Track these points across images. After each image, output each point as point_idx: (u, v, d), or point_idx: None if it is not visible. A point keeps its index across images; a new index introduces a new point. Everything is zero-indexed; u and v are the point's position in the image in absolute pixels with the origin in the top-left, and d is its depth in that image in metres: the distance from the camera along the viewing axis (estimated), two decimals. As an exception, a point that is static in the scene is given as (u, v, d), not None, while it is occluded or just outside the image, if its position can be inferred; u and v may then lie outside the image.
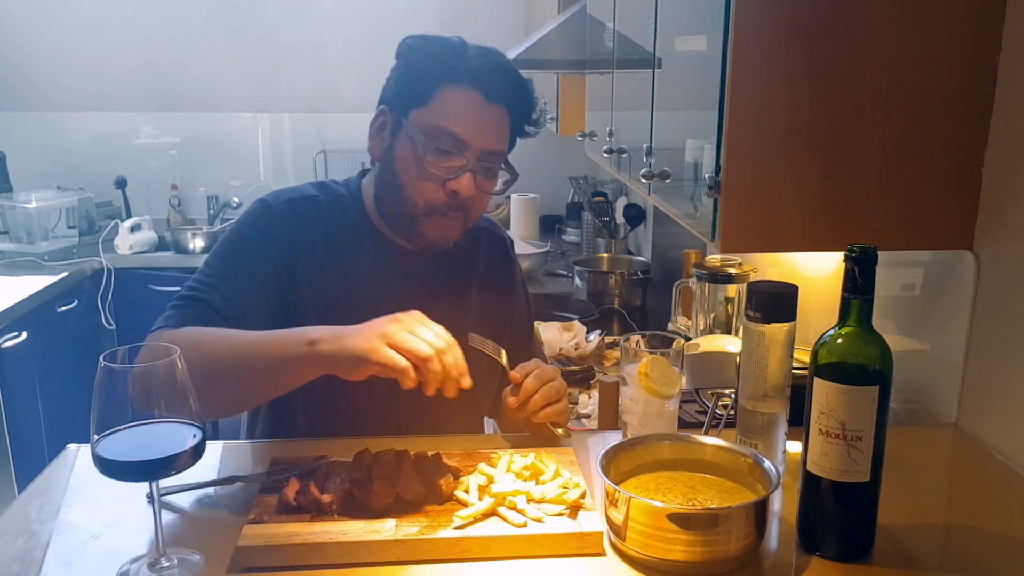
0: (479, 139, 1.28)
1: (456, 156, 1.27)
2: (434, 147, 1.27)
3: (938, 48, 1.20)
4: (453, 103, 1.27)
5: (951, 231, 1.27)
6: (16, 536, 1.04)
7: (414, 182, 1.29)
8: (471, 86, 1.27)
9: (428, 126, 1.27)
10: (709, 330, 1.91)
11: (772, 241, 1.27)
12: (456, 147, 1.27)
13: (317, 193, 1.39)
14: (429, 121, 1.27)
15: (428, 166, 1.27)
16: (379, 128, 1.36)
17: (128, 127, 4.09)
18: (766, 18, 1.18)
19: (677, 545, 0.92)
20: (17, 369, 2.91)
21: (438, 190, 1.28)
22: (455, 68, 1.28)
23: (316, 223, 1.36)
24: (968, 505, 1.16)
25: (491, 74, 1.29)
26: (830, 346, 0.96)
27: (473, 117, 1.28)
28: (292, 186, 1.41)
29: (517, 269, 1.56)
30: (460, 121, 1.27)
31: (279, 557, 0.94)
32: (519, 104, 1.33)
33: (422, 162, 1.27)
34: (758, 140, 1.21)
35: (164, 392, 0.90)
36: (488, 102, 1.28)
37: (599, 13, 2.34)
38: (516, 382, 1.24)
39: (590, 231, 3.58)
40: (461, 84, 1.27)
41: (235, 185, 4.14)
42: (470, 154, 1.27)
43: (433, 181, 1.28)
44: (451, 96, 1.27)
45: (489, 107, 1.29)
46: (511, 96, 1.31)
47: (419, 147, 1.27)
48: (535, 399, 1.23)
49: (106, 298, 3.53)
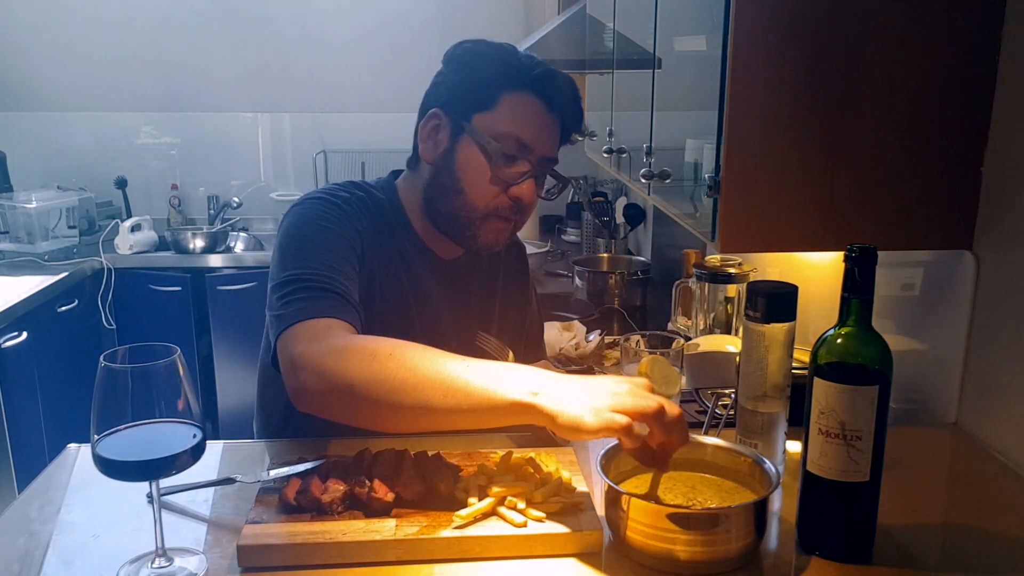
0: (542, 146, 1.29)
1: (522, 162, 1.28)
2: (503, 153, 1.27)
3: (938, 48, 1.20)
4: (519, 109, 1.28)
5: (951, 231, 1.28)
6: (16, 536, 1.04)
7: (477, 187, 1.28)
8: (534, 94, 1.28)
9: (496, 132, 1.27)
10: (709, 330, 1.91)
11: (772, 241, 1.27)
12: (522, 153, 1.27)
13: (363, 194, 1.36)
14: (496, 127, 1.27)
15: (496, 171, 1.27)
16: (432, 131, 1.32)
17: (128, 127, 4.09)
18: (766, 18, 1.18)
19: (677, 545, 0.92)
20: (17, 369, 2.91)
21: (501, 195, 1.28)
22: (519, 75, 1.28)
23: (368, 223, 1.33)
24: (968, 505, 1.16)
25: (552, 83, 1.29)
26: (830, 346, 0.96)
27: (537, 124, 1.29)
28: (330, 186, 1.36)
29: (531, 277, 1.58)
30: (526, 128, 1.27)
31: (279, 557, 0.94)
32: (572, 114, 1.34)
33: (490, 167, 1.27)
34: (758, 140, 1.21)
35: (164, 392, 0.90)
36: (550, 111, 1.29)
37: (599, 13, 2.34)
38: None
39: (590, 231, 3.58)
40: (525, 91, 1.28)
41: (235, 185, 4.14)
42: (534, 160, 1.28)
43: (497, 186, 1.28)
44: (516, 102, 1.28)
45: (549, 115, 1.30)
46: (566, 106, 1.32)
47: (489, 152, 1.26)
48: None
49: (106, 298, 3.53)
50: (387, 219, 1.35)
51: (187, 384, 0.91)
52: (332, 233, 1.25)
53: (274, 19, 4.02)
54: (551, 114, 1.30)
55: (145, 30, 3.97)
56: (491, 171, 1.27)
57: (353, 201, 1.32)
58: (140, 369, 0.89)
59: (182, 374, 0.91)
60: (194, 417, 0.92)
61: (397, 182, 1.41)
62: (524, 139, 1.27)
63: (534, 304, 1.58)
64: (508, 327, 1.48)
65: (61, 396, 3.14)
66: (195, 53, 4.01)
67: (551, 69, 1.31)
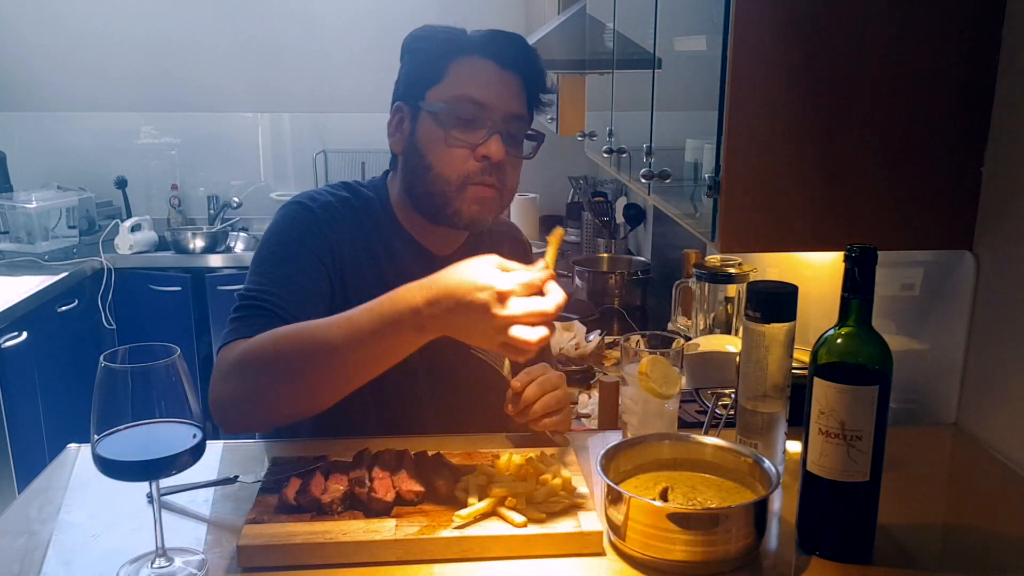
0: (500, 102, 1.27)
1: (480, 121, 1.26)
2: (457, 117, 1.26)
3: (938, 48, 1.20)
4: (467, 72, 1.27)
5: (951, 231, 1.27)
6: (16, 536, 1.04)
7: (442, 157, 1.27)
8: (481, 55, 1.28)
9: (447, 98, 1.26)
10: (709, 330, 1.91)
11: (772, 241, 1.27)
12: (479, 111, 1.26)
13: (349, 195, 1.36)
14: (447, 93, 1.27)
15: (454, 136, 1.26)
16: (398, 124, 1.34)
17: (128, 127, 4.09)
18: (766, 18, 1.18)
19: (677, 545, 0.92)
20: (17, 369, 2.91)
21: (468, 158, 1.26)
22: (464, 42, 1.29)
23: (352, 226, 1.33)
24: (968, 505, 1.16)
25: (499, 42, 1.29)
26: (830, 346, 0.96)
27: (490, 82, 1.27)
28: (322, 187, 1.38)
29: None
30: (478, 87, 1.26)
31: (279, 557, 0.94)
32: (531, 71, 1.32)
33: (446, 134, 1.26)
34: (758, 140, 1.21)
35: (164, 392, 0.90)
36: (502, 68, 1.28)
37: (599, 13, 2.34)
38: (516, 391, 1.23)
39: (590, 231, 3.58)
40: (472, 55, 1.28)
41: (235, 185, 4.14)
42: (495, 116, 1.26)
43: (462, 149, 1.26)
44: (464, 66, 1.28)
45: (503, 73, 1.28)
46: (522, 63, 1.30)
47: (442, 120, 1.26)
48: (535, 408, 1.23)
49: (106, 298, 3.54)
50: (375, 218, 1.36)
51: (187, 384, 0.91)
52: (295, 244, 1.27)
53: (274, 19, 4.02)
54: (506, 71, 1.28)
55: (145, 30, 3.97)
56: (449, 136, 1.26)
57: (335, 205, 1.32)
58: (140, 369, 0.89)
59: (182, 374, 0.91)
60: (194, 417, 0.92)
61: (388, 181, 1.41)
62: (477, 98, 1.26)
63: None
64: None
65: (61, 396, 3.14)
66: (195, 53, 4.01)
67: (497, 31, 1.31)
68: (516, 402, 1.23)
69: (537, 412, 1.23)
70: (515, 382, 1.23)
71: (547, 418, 1.24)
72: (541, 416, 1.23)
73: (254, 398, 1.13)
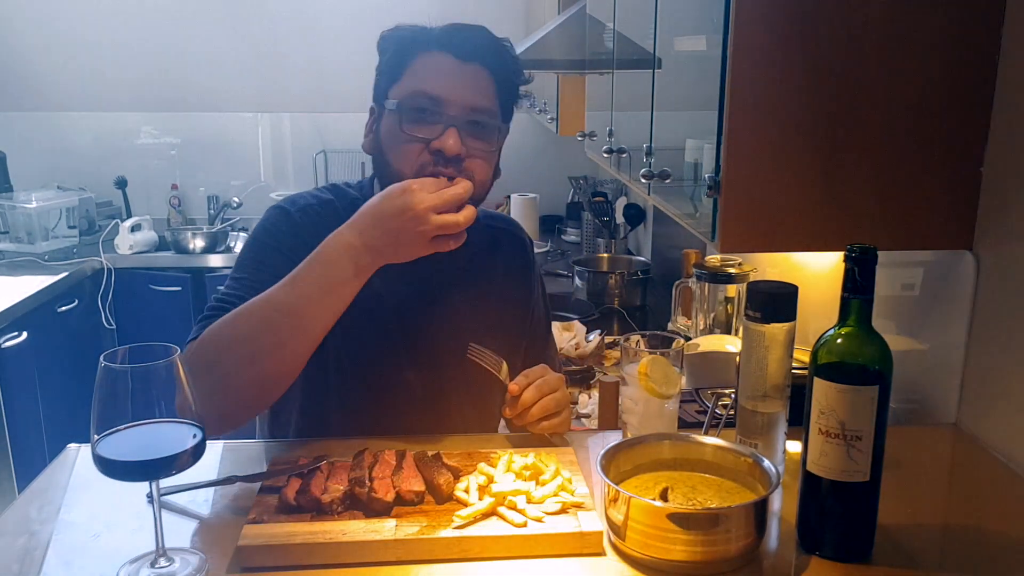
0: (456, 95, 1.24)
1: (435, 116, 1.23)
2: (412, 111, 1.24)
3: (938, 48, 1.20)
4: (425, 67, 1.26)
5: (951, 231, 1.27)
6: (16, 536, 1.04)
7: (399, 152, 1.26)
8: (440, 50, 1.26)
9: (404, 94, 1.25)
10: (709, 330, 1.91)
11: (772, 241, 1.27)
12: (433, 105, 1.23)
13: (332, 197, 1.37)
14: (405, 90, 1.26)
15: (407, 131, 1.24)
16: (369, 125, 1.35)
17: (128, 127, 4.09)
18: (766, 18, 1.18)
19: (677, 545, 0.92)
20: (17, 369, 2.91)
21: (423, 152, 1.24)
22: (424, 38, 1.27)
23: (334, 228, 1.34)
24: (968, 505, 1.16)
25: (459, 34, 1.27)
26: (830, 346, 0.96)
27: (446, 75, 1.25)
28: (306, 191, 1.39)
29: (536, 274, 1.52)
30: (433, 81, 1.24)
31: (279, 557, 0.94)
32: (497, 61, 1.29)
33: (404, 131, 1.24)
34: (758, 140, 1.21)
35: (164, 392, 0.90)
36: (461, 61, 1.26)
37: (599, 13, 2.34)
38: (513, 395, 1.22)
39: (590, 231, 3.58)
40: (430, 50, 1.26)
41: (235, 185, 4.14)
42: (451, 111, 1.23)
43: (418, 144, 1.24)
44: (422, 62, 1.26)
45: (464, 66, 1.26)
46: (486, 54, 1.28)
47: (399, 116, 1.25)
48: (532, 412, 1.22)
49: (106, 298, 3.54)
50: None
51: (187, 384, 0.91)
52: (270, 250, 1.28)
53: (274, 19, 4.02)
54: (467, 64, 1.26)
55: (145, 30, 3.97)
56: (405, 132, 1.24)
57: (316, 208, 1.33)
58: (140, 369, 0.89)
59: (182, 374, 0.91)
60: (194, 417, 0.92)
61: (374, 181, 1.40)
62: (431, 92, 1.23)
63: (540, 303, 1.52)
64: (506, 328, 1.44)
65: (61, 396, 3.14)
66: (195, 53, 4.01)
67: (461, 25, 1.29)
68: (514, 405, 1.23)
69: (535, 415, 1.22)
70: (512, 385, 1.23)
71: (546, 421, 1.24)
72: (539, 419, 1.23)
73: (221, 387, 1.11)
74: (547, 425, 1.24)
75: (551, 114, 3.14)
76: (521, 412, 1.22)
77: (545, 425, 1.24)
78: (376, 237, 1.12)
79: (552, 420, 1.24)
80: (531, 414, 1.22)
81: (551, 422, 1.24)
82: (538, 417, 1.23)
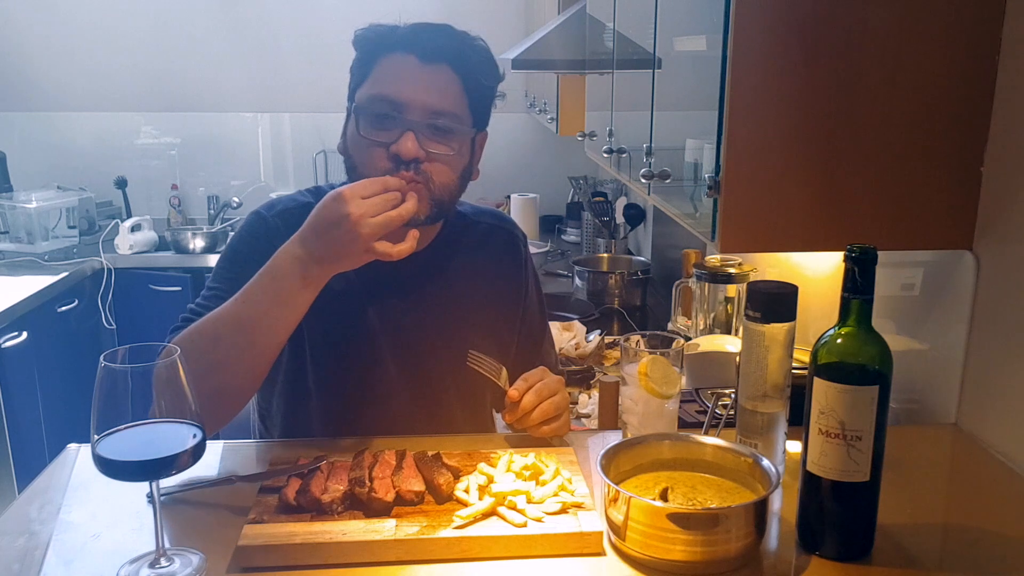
0: (416, 98, 1.22)
1: (394, 119, 1.22)
2: (372, 115, 1.23)
3: (938, 48, 1.20)
4: (387, 70, 1.25)
5: (951, 231, 1.27)
6: (16, 536, 1.04)
7: (362, 157, 1.25)
8: (403, 51, 1.24)
9: (366, 98, 1.25)
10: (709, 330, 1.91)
11: (772, 241, 1.27)
12: (392, 109, 1.22)
13: (311, 199, 1.35)
14: (366, 93, 1.25)
15: (366, 135, 1.23)
16: (343, 128, 1.33)
17: (128, 127, 4.09)
18: (766, 18, 1.18)
19: (677, 545, 0.92)
20: (17, 369, 2.91)
21: (383, 156, 1.23)
22: (389, 39, 1.26)
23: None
24: (968, 505, 1.16)
25: (424, 35, 1.25)
26: (830, 346, 0.96)
27: (407, 78, 1.23)
28: (287, 194, 1.39)
29: (529, 270, 1.50)
30: (392, 84, 1.23)
31: (279, 557, 0.94)
32: (464, 61, 1.26)
33: (364, 135, 1.24)
34: (758, 140, 1.21)
35: (164, 392, 0.90)
36: (425, 62, 1.24)
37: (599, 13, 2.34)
38: (513, 400, 1.22)
39: (590, 231, 3.58)
40: (394, 51, 1.25)
41: (235, 185, 4.14)
42: (409, 115, 1.22)
43: (378, 148, 1.23)
44: (385, 64, 1.25)
45: (427, 67, 1.24)
46: (452, 54, 1.25)
47: (360, 120, 1.24)
48: (532, 416, 1.22)
49: (106, 298, 3.54)
50: None
51: (187, 384, 0.91)
52: (242, 259, 1.29)
53: (274, 19, 4.02)
54: (431, 65, 1.24)
55: (145, 30, 3.97)
56: (366, 136, 1.23)
57: (294, 211, 1.31)
58: (140, 369, 0.89)
59: (182, 374, 0.91)
60: (194, 417, 0.92)
61: None
62: (390, 95, 1.22)
63: (534, 300, 1.51)
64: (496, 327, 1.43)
65: (61, 396, 3.14)
66: (195, 53, 4.01)
67: (428, 24, 1.27)
68: (514, 411, 1.22)
69: (535, 420, 1.22)
70: (512, 391, 1.22)
71: (546, 426, 1.24)
72: (540, 423, 1.23)
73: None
74: (548, 429, 1.24)
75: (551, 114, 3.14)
76: (521, 417, 1.22)
77: (546, 430, 1.24)
78: (319, 248, 1.12)
79: (552, 424, 1.24)
80: (532, 418, 1.22)
81: (551, 426, 1.24)
82: (538, 422, 1.23)
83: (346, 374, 1.33)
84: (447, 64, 1.25)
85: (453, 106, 1.25)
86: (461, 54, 1.26)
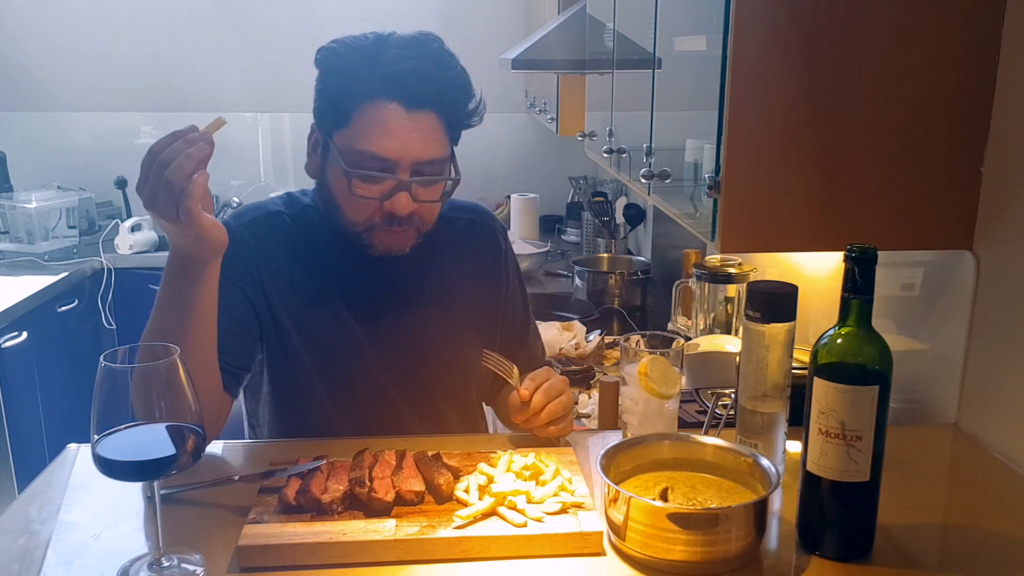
0: (407, 153, 1.20)
1: (385, 178, 1.20)
2: (360, 170, 1.21)
3: (938, 48, 1.20)
4: (372, 121, 1.20)
5: (951, 231, 1.27)
6: (16, 536, 1.04)
7: (350, 204, 1.24)
8: (388, 98, 1.20)
9: (351, 151, 1.21)
10: (709, 330, 1.91)
11: (772, 241, 1.27)
12: (384, 168, 1.20)
13: (281, 208, 1.36)
14: (351, 144, 1.21)
15: (357, 191, 1.22)
16: (313, 145, 1.31)
17: (128, 127, 4.08)
18: (766, 18, 1.18)
19: (677, 545, 0.92)
20: (17, 369, 2.91)
21: (374, 210, 1.22)
22: (369, 80, 1.20)
23: (280, 240, 1.33)
24: (968, 505, 1.16)
25: (408, 79, 1.20)
26: (830, 346, 0.96)
27: (396, 132, 1.20)
28: (257, 202, 1.39)
29: (509, 262, 1.49)
30: (382, 140, 1.20)
31: (279, 557, 0.94)
32: (448, 103, 1.24)
33: (352, 186, 1.22)
34: (758, 140, 1.21)
35: (164, 392, 0.90)
36: (411, 110, 1.20)
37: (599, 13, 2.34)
38: (524, 400, 1.22)
39: (590, 231, 3.58)
40: (377, 98, 1.20)
41: (235, 185, 4.14)
42: (401, 171, 1.21)
43: (368, 201, 1.22)
44: (369, 113, 1.20)
45: (413, 116, 1.20)
46: (436, 98, 1.22)
47: (348, 173, 1.21)
48: (541, 416, 1.22)
49: (106, 298, 3.53)
50: (312, 229, 1.34)
51: (187, 384, 0.91)
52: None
53: (274, 19, 4.02)
54: (417, 112, 1.20)
55: (145, 30, 3.97)
56: (355, 191, 1.21)
57: (263, 220, 1.34)
58: (140, 369, 0.89)
59: (182, 374, 0.91)
60: (194, 417, 0.92)
61: None
62: (382, 154, 1.19)
63: (516, 292, 1.50)
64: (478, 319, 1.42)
65: (61, 396, 3.14)
66: (195, 53, 4.01)
67: (410, 63, 1.21)
68: (523, 411, 1.22)
69: (543, 420, 1.22)
70: (522, 391, 1.22)
71: (553, 426, 1.24)
72: (547, 423, 1.23)
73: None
74: (555, 430, 1.24)
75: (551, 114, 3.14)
76: (530, 417, 1.22)
77: (552, 430, 1.24)
78: (159, 211, 1.06)
79: (559, 424, 1.24)
80: (540, 418, 1.22)
81: (558, 426, 1.24)
82: (546, 421, 1.23)
83: (332, 378, 1.33)
84: (431, 109, 1.22)
85: (439, 150, 1.24)
86: (443, 95, 1.24)
